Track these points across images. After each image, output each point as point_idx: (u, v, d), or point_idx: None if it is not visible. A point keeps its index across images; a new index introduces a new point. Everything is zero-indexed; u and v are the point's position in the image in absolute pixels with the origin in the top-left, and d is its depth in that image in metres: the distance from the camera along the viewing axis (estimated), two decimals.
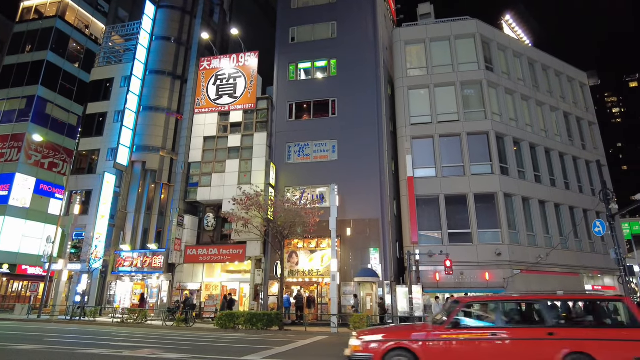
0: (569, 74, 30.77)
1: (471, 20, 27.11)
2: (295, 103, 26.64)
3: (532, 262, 22.45)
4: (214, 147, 26.81)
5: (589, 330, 7.24)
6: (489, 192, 23.23)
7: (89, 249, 24.17)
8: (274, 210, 21.30)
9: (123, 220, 26.94)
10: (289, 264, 23.05)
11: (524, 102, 27.03)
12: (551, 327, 7.27)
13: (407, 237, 22.96)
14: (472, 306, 8.32)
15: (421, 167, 24.30)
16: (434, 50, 26.63)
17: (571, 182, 26.98)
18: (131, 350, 10.89)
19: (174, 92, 29.14)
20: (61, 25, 34.88)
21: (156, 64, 29.16)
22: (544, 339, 7.14)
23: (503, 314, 7.71)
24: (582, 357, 6.87)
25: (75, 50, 36.23)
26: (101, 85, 30.30)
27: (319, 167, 24.84)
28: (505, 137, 24.80)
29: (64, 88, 34.62)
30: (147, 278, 25.71)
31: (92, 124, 29.44)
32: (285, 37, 28.28)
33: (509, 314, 7.90)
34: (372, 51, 26.16)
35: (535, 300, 8.14)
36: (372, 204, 23.11)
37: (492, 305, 7.99)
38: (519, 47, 29.10)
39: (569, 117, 29.19)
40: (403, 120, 25.40)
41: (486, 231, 22.76)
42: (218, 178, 25.87)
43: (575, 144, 28.60)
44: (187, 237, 25.43)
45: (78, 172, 28.64)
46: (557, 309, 7.79)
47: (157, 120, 28.21)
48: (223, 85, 27.77)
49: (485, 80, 25.23)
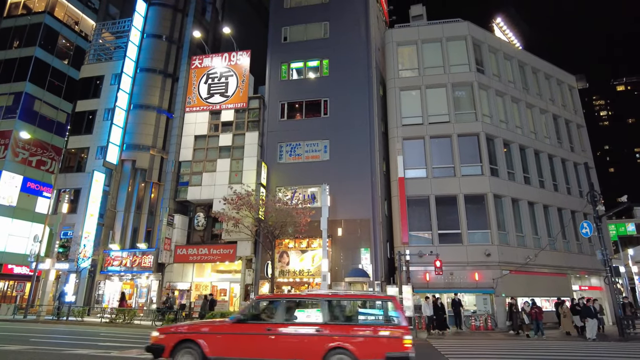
0: (558, 77, 31.15)
1: (463, 22, 27.30)
2: (287, 103, 26.60)
3: (521, 262, 22.68)
4: (204, 146, 26.65)
5: (352, 327, 7.86)
6: (479, 193, 23.42)
7: (77, 248, 23.89)
8: (265, 210, 21.25)
9: (112, 219, 26.69)
10: (280, 264, 23.01)
11: (514, 104, 27.30)
12: (321, 324, 7.83)
13: (398, 237, 23.06)
14: (260, 303, 8.96)
15: (412, 168, 24.42)
16: (426, 52, 26.77)
17: (560, 183, 27.31)
18: (119, 350, 10.80)
19: (165, 90, 28.94)
20: (50, 21, 34.38)
21: (147, 62, 28.93)
22: (312, 334, 7.72)
23: (284, 311, 8.23)
24: (343, 352, 7.47)
25: (64, 46, 35.74)
26: (91, 83, 29.94)
27: (310, 167, 24.83)
28: (495, 138, 25.02)
29: (53, 85, 34.14)
30: (136, 278, 25.49)
31: (82, 122, 29.08)
32: (277, 37, 28.23)
33: (288, 311, 8.38)
34: (364, 52, 26.22)
35: (311, 299, 8.86)
36: (363, 204, 23.17)
37: (275, 303, 8.53)
38: (510, 49, 29.39)
39: (558, 119, 29.54)
40: (394, 121, 25.50)
41: (476, 232, 22.94)
42: (209, 177, 25.73)
43: (564, 146, 28.96)
44: (177, 236, 25.25)
45: (67, 170, 28.28)
46: (332, 307, 8.19)
47: (147, 119, 27.99)
48: (214, 84, 27.63)
49: (476, 82, 25.44)
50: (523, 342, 16.24)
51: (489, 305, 21.80)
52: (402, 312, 7.98)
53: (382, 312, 8.39)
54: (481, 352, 12.72)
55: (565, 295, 23.11)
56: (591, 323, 16.82)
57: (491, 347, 14.07)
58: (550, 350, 13.32)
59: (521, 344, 15.23)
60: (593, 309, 17.26)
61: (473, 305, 22.10)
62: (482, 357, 11.70)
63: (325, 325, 7.79)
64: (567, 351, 13.10)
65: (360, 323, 8.23)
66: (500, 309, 21.06)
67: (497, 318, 21.04)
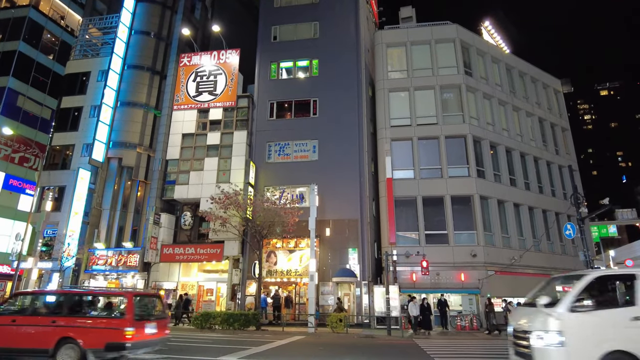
0: (544, 81, 31.66)
1: (451, 25, 27.57)
2: (277, 102, 26.55)
3: (506, 263, 22.99)
4: (192, 145, 26.44)
5: (79, 319, 9.09)
6: (466, 194, 23.68)
7: (61, 246, 23.48)
8: (253, 210, 21.17)
9: (98, 217, 26.31)
10: (267, 264, 22.96)
11: (501, 107, 27.66)
12: (57, 316, 9.14)
13: (385, 237, 23.18)
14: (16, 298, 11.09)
15: (400, 169, 24.57)
16: (415, 54, 26.96)
17: (545, 186, 27.76)
18: None
19: (153, 87, 28.63)
20: (35, 15, 33.70)
21: (135, 59, 28.58)
22: (48, 325, 8.97)
23: (30, 305, 9.98)
24: (71, 340, 8.68)
25: (49, 41, 35.08)
26: (77, 79, 29.45)
27: (299, 167, 24.82)
28: (482, 140, 25.32)
29: (37, 80, 33.48)
30: (121, 277, 25.17)
31: (67, 119, 28.58)
32: (267, 36, 28.15)
33: (34, 304, 10.04)
34: (353, 52, 26.30)
35: (55, 294, 10.50)
36: (351, 205, 23.25)
37: (27, 297, 10.53)
38: (498, 53, 29.78)
39: (543, 122, 30.02)
40: (383, 122, 25.62)
41: (462, 233, 23.19)
42: (196, 176, 25.54)
43: (549, 149, 29.44)
44: (163, 235, 25.01)
45: (51, 168, 27.77)
46: (68, 301, 9.48)
47: (134, 116, 27.66)
48: (203, 82, 27.43)
49: (464, 85, 25.71)
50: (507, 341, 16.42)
51: (474, 306, 22.05)
52: (131, 307, 8.99)
53: (119, 307, 9.52)
54: (467, 352, 12.87)
55: None
56: None
57: (476, 347, 14.25)
58: None
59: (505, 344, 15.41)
60: None
61: (459, 305, 22.32)
62: (468, 357, 11.84)
63: (59, 317, 9.07)
64: None
65: (88, 316, 9.38)
66: None
67: (482, 318, 21.28)
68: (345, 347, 13.72)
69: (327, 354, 12.22)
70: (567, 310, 6.68)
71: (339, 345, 14.17)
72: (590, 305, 6.96)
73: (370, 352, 12.64)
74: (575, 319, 6.60)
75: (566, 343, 6.42)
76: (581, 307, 6.81)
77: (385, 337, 17.42)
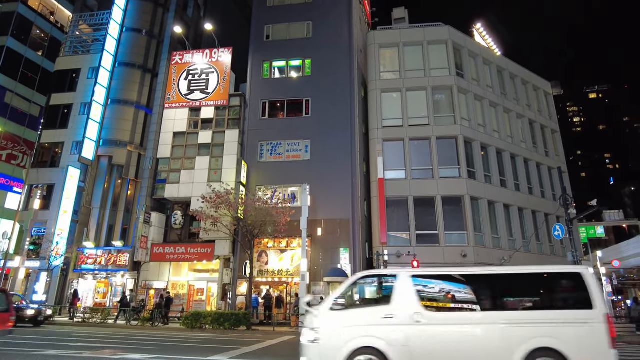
0: (535, 83, 31.99)
1: (444, 26, 27.74)
2: (269, 101, 26.49)
3: (496, 264, 23.18)
4: (183, 143, 26.27)
5: None
6: (456, 195, 23.83)
7: (50, 245, 23.19)
8: (245, 209, 21.09)
9: (87, 216, 26.03)
10: (259, 264, 22.90)
11: (492, 109, 27.89)
12: None
13: (377, 237, 23.25)
14: None
15: (391, 169, 24.67)
16: (407, 55, 27.07)
17: (534, 187, 28.05)
18: (92, 350, 10.54)
19: (144, 85, 28.41)
20: (23, 10, 33.20)
21: (126, 56, 28.34)
22: None
23: None
24: None
25: (38, 37, 34.58)
26: (67, 76, 29.11)
27: (291, 167, 24.78)
28: (473, 142, 25.51)
29: (26, 76, 32.98)
30: (111, 276, 24.95)
31: (56, 116, 28.25)
32: (260, 35, 28.07)
33: None
34: (346, 53, 26.33)
35: None
36: (343, 205, 23.27)
37: None
38: (489, 55, 30.02)
39: (533, 124, 30.33)
40: (375, 123, 25.70)
41: (452, 233, 23.34)
42: (187, 175, 25.38)
43: (539, 151, 29.76)
44: (153, 234, 24.82)
45: (39, 165, 27.42)
46: None
47: (125, 114, 27.43)
48: (195, 81, 27.27)
49: (455, 86, 25.87)
50: None
51: None
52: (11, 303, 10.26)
53: None
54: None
55: None
56: None
57: None
58: None
59: None
60: None
61: None
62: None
63: None
64: None
65: None
66: None
67: None
68: None
69: None
70: (327, 309, 7.05)
71: None
72: (347, 304, 7.26)
73: None
74: (332, 317, 6.96)
75: (320, 339, 6.76)
76: (338, 306, 7.10)
77: None
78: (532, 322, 6.66)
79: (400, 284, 7.13)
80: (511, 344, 6.47)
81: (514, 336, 6.52)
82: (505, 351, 6.47)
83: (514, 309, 7.03)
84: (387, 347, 6.60)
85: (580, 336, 6.47)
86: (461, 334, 6.74)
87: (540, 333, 6.51)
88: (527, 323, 6.65)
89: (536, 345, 6.41)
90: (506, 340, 6.53)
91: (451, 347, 6.65)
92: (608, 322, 6.50)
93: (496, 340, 6.57)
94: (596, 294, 6.73)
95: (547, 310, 6.85)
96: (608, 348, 6.35)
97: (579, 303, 6.79)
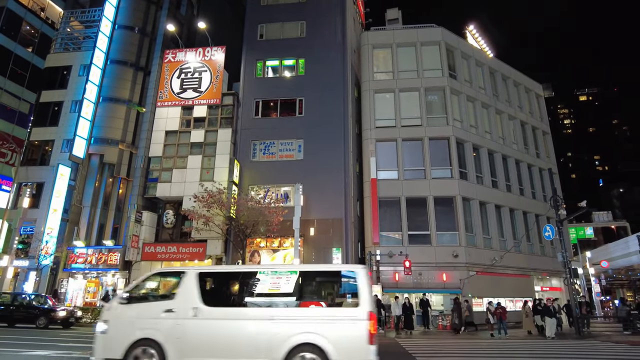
0: (526, 85, 32.29)
1: (437, 28, 27.88)
2: (262, 100, 26.42)
3: (487, 264, 23.38)
4: (175, 142, 26.11)
5: None
6: (448, 195, 23.98)
7: (39, 244, 22.91)
8: (237, 209, 21.03)
9: (78, 215, 25.75)
10: (251, 263, 22.83)
11: (484, 110, 28.09)
12: None
13: (369, 237, 23.32)
14: None
15: (384, 170, 24.75)
16: (400, 56, 27.17)
17: (525, 188, 28.31)
18: (82, 351, 10.44)
19: (136, 83, 28.17)
20: (13, 5, 32.72)
21: (118, 54, 28.07)
22: None
23: None
24: None
25: (28, 33, 34.13)
26: (57, 73, 28.77)
27: (284, 166, 24.75)
28: (465, 143, 25.67)
29: (15, 73, 32.51)
30: (101, 275, 24.71)
31: (46, 113, 27.90)
32: (253, 34, 27.99)
33: None
34: (340, 53, 26.35)
35: None
36: (336, 204, 23.29)
37: None
38: (481, 56, 30.24)
39: (525, 126, 30.61)
40: (368, 123, 25.76)
41: (444, 233, 23.48)
42: (179, 174, 25.23)
43: (530, 152, 30.04)
44: (145, 233, 24.63)
45: (29, 163, 27.07)
46: None
47: (117, 112, 27.19)
48: (188, 79, 27.11)
49: (448, 87, 26.02)
50: (487, 341, 16.75)
51: None
52: None
53: None
54: (448, 351, 13.04)
55: (528, 295, 24.00)
56: (550, 322, 17.53)
57: (458, 346, 14.44)
58: (512, 348, 13.80)
59: (485, 343, 15.71)
60: (553, 309, 18.02)
61: (440, 305, 22.61)
62: (450, 356, 11.99)
63: None
64: (528, 349, 13.61)
65: None
66: None
67: None
68: None
69: None
70: (117, 302, 7.60)
71: None
72: (135, 298, 7.77)
73: None
74: (120, 311, 7.48)
75: (108, 331, 7.30)
76: (126, 300, 7.61)
77: None
78: (299, 318, 7.10)
79: (185, 280, 7.57)
80: (277, 339, 6.86)
81: (281, 332, 6.90)
82: (272, 346, 6.83)
83: (284, 306, 7.40)
84: (164, 339, 7.04)
85: (341, 332, 6.85)
86: (234, 329, 7.11)
87: (304, 329, 6.90)
88: (294, 319, 7.07)
89: (299, 341, 6.79)
90: (274, 335, 6.90)
91: (223, 340, 7.03)
92: (370, 319, 6.85)
93: (265, 335, 6.94)
94: (364, 293, 7.10)
95: (314, 307, 7.30)
96: (367, 344, 6.69)
97: (348, 300, 7.33)
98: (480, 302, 22.58)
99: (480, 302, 22.54)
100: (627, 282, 44.23)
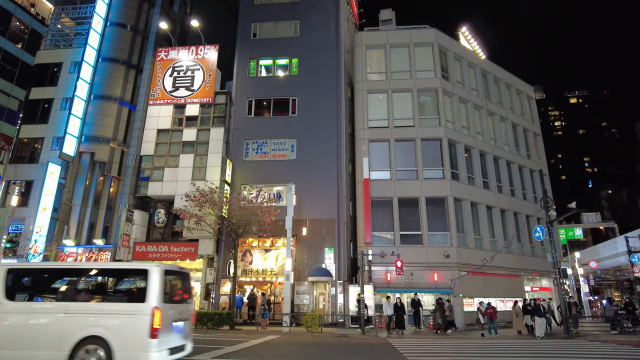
0: (518, 87, 32.57)
1: (430, 29, 28.00)
2: (255, 100, 26.36)
3: (478, 264, 23.54)
4: (167, 141, 25.97)
5: None
6: (440, 196, 24.10)
7: (28, 243, 22.64)
8: (229, 208, 20.96)
9: (68, 213, 25.48)
10: (243, 263, 22.78)
11: (476, 111, 28.28)
12: None
13: (361, 237, 23.36)
14: None
15: (377, 170, 24.81)
16: (394, 56, 27.25)
17: (516, 189, 28.55)
18: None
19: (128, 81, 27.94)
20: (2, 0, 32.35)
21: (110, 51, 27.82)
22: None
23: None
24: None
25: (18, 29, 33.72)
26: (47, 70, 28.42)
27: (277, 166, 24.71)
28: (457, 144, 25.83)
29: (4, 69, 32.12)
30: None
31: (36, 110, 27.55)
32: (246, 32, 27.90)
33: None
34: (333, 53, 26.37)
35: None
36: (328, 204, 23.31)
37: None
38: (474, 58, 30.44)
39: (516, 127, 30.87)
40: (361, 123, 25.81)
41: (436, 233, 23.60)
42: (171, 173, 25.08)
43: (521, 154, 30.30)
44: (136, 233, 24.46)
45: (18, 161, 26.72)
46: None
47: (108, 110, 26.94)
48: (180, 78, 26.96)
49: (440, 88, 26.15)
50: (478, 340, 16.87)
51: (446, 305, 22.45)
52: None
53: None
54: (439, 351, 13.11)
55: (518, 295, 24.22)
56: (539, 322, 17.71)
57: (449, 346, 14.53)
58: (503, 347, 13.93)
59: (476, 343, 15.83)
60: (542, 309, 18.21)
61: (432, 305, 22.67)
62: (441, 356, 12.06)
63: None
64: (517, 348, 13.73)
65: None
66: (458, 309, 21.74)
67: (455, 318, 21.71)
68: (320, 347, 13.77)
69: (301, 353, 12.24)
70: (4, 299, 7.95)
71: (313, 345, 14.21)
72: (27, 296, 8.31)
73: (344, 352, 12.73)
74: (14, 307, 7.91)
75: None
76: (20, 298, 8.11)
77: (359, 336, 17.57)
78: (87, 312, 7.68)
79: None
80: (68, 331, 7.40)
81: (71, 325, 7.46)
82: (62, 338, 7.36)
83: (76, 300, 7.92)
84: None
85: (124, 326, 7.40)
86: (32, 322, 7.66)
87: (91, 323, 7.48)
88: (83, 313, 7.64)
89: (86, 334, 7.36)
90: (65, 328, 7.45)
91: (21, 332, 7.57)
92: (154, 314, 7.31)
93: (57, 328, 7.49)
94: (153, 289, 7.57)
95: (102, 302, 7.99)
96: (147, 337, 7.20)
97: (137, 296, 7.74)
98: (471, 302, 22.74)
99: (471, 302, 22.69)
100: (615, 282, 44.88)
